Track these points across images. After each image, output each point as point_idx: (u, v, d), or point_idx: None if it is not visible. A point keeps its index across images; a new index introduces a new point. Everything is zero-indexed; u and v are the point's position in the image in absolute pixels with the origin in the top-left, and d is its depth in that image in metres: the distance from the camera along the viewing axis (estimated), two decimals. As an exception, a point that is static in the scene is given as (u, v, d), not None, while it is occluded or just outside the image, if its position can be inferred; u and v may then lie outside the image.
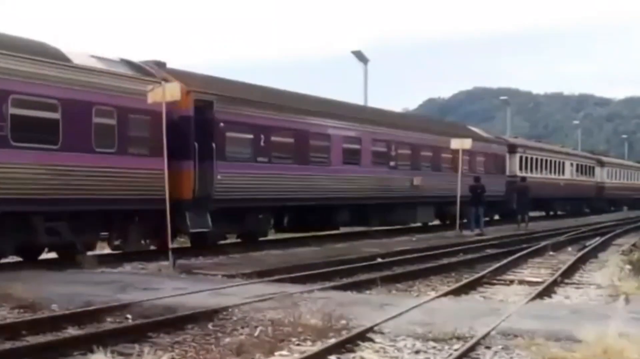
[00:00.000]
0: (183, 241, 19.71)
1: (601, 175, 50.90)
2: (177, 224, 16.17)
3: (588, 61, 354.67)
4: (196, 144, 16.75)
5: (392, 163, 25.57)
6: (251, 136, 18.89)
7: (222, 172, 17.45)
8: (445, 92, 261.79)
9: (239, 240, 20.24)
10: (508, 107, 63.19)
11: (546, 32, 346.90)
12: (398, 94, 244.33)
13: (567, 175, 43.59)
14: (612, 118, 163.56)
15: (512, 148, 36.32)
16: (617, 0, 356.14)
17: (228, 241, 19.88)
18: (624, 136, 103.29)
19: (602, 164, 51.50)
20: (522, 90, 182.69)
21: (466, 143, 26.57)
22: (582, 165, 47.26)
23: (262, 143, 19.14)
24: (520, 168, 36.48)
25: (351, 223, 24.33)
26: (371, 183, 24.03)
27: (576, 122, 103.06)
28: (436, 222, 30.46)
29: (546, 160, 40.30)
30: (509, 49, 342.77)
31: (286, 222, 22.08)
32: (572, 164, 45.00)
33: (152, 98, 14.34)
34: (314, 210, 21.85)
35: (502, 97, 71.74)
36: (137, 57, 18.12)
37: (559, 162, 42.42)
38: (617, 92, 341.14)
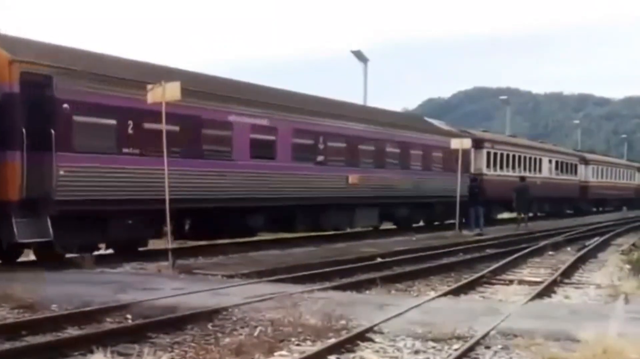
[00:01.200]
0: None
1: (585, 174, 47.17)
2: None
3: (588, 61, 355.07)
4: (24, 130, 13.21)
5: (320, 158, 21.64)
6: (113, 122, 14.97)
7: (66, 166, 13.92)
8: (445, 92, 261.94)
9: (236, 242, 20.17)
10: (508, 106, 63.27)
11: (546, 32, 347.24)
12: (397, 94, 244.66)
13: (545, 173, 39.72)
14: (612, 118, 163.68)
15: (478, 143, 32.16)
16: (617, 1, 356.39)
17: (227, 241, 19.85)
18: (624, 136, 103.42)
19: (586, 162, 47.76)
20: (522, 90, 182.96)
21: (465, 143, 26.39)
22: (562, 163, 43.47)
23: (130, 131, 15.27)
24: (488, 166, 32.83)
25: (272, 228, 20.95)
26: (291, 181, 20.21)
27: (576, 121, 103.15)
28: (391, 226, 27.44)
29: (519, 157, 36.43)
30: (508, 49, 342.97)
31: (187, 228, 18.63)
32: (550, 161, 41.15)
33: (151, 98, 14.29)
34: (222, 214, 18.34)
35: (501, 97, 71.85)
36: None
37: (535, 159, 38.65)
38: (616, 91, 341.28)
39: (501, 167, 34.02)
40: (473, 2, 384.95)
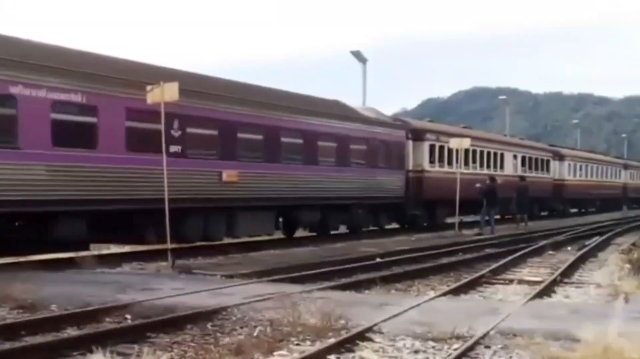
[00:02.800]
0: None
1: (560, 171, 42.42)
2: None
3: (587, 60, 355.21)
4: None
5: (175, 149, 16.49)
6: None
7: None
8: (444, 91, 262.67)
9: (237, 240, 20.18)
10: (507, 106, 63.29)
11: (545, 32, 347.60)
12: (397, 94, 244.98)
13: (509, 169, 34.51)
14: (612, 117, 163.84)
15: (418, 134, 27.42)
16: (617, 0, 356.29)
17: (227, 241, 19.86)
18: (624, 135, 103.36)
19: (561, 157, 42.79)
20: (521, 90, 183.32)
21: (465, 143, 26.15)
22: (531, 158, 38.59)
23: None
24: (432, 161, 27.89)
25: (104, 237, 16.60)
26: (125, 178, 15.51)
27: (575, 121, 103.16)
28: (280, 235, 22.26)
29: (473, 151, 30.95)
30: (508, 49, 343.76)
31: None
32: (515, 156, 36.31)
33: (150, 98, 14.29)
34: (19, 221, 14.27)
35: (501, 97, 71.99)
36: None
37: (495, 154, 33.57)
38: (616, 91, 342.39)
39: (449, 163, 28.65)
40: (472, 2, 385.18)
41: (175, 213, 15.27)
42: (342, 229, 24.55)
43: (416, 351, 7.33)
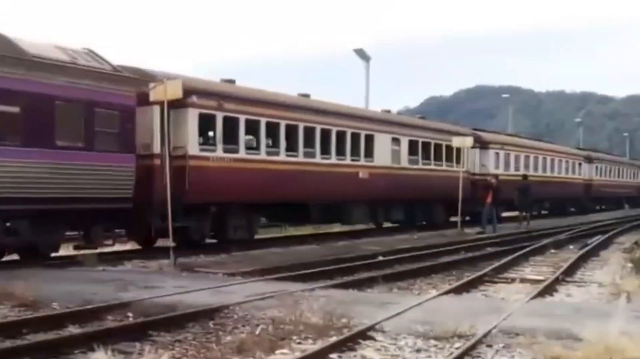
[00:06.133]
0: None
1: (481, 163, 31.05)
2: None
3: (590, 59, 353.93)
4: None
5: None
6: None
7: None
8: (446, 90, 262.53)
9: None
10: (510, 105, 63.40)
11: (548, 31, 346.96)
12: (400, 92, 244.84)
13: (384, 159, 24.32)
14: (614, 116, 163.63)
15: (182, 99, 15.20)
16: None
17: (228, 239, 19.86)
18: (626, 134, 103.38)
19: (482, 144, 31.07)
20: (524, 88, 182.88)
21: (467, 142, 25.99)
22: (429, 144, 26.99)
23: None
24: (209, 141, 18.10)
25: None
26: None
27: (578, 120, 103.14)
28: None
29: (310, 129, 20.73)
30: (511, 47, 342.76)
31: None
32: (397, 140, 25.10)
33: (153, 96, 14.29)
34: None
35: (504, 95, 72.20)
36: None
37: (356, 135, 22.85)
38: (619, 90, 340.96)
39: (256, 146, 19.28)
40: (475, 1, 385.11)
41: None
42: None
43: (418, 350, 7.33)
